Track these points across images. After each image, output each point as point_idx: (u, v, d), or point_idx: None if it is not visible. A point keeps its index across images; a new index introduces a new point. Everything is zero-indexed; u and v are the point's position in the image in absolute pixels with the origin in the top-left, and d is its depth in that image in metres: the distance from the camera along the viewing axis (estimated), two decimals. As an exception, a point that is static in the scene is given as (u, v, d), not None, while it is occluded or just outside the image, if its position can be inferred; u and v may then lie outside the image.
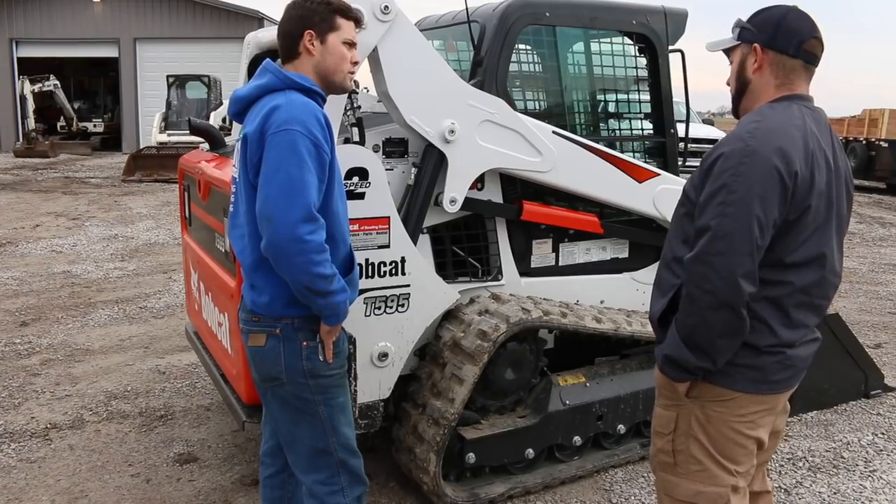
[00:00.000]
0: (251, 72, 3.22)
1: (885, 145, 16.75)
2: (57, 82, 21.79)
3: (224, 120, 14.45)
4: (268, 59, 2.37)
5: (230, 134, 4.74)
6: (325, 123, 2.22)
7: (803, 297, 2.04)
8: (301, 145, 2.12)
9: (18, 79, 21.78)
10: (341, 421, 2.40)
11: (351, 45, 2.39)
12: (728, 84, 2.22)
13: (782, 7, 2.10)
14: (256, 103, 2.27)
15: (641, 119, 4.07)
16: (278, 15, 2.53)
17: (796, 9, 2.09)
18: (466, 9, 3.54)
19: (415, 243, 3.22)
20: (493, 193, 3.55)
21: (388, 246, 3.12)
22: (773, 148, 1.91)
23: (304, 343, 2.30)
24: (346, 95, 3.03)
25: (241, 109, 2.33)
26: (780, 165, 1.90)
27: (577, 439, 3.61)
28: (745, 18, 2.14)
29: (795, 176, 1.92)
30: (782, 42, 2.06)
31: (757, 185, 1.89)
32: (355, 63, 2.44)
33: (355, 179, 2.99)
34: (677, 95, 4.25)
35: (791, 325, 2.05)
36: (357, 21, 2.41)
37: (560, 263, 3.83)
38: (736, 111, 2.21)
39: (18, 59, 23.36)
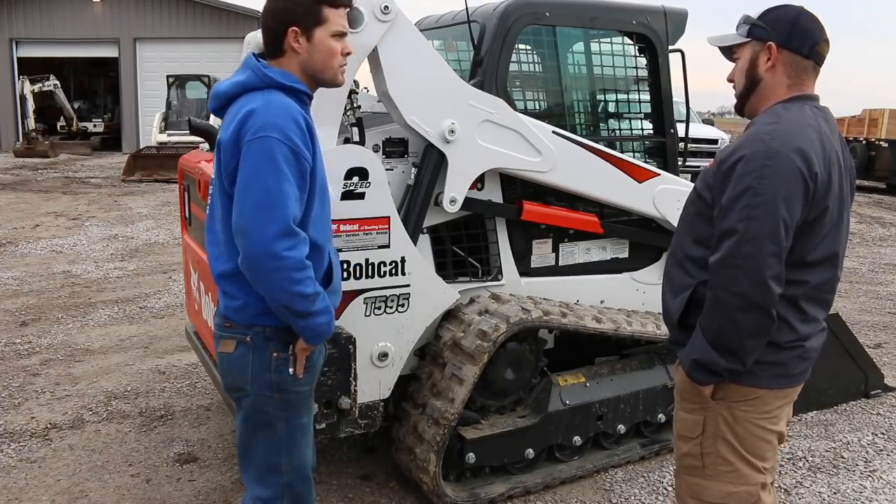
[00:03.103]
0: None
1: (885, 145, 16.75)
2: (57, 82, 21.76)
3: (224, 120, 14.41)
4: (250, 54, 2.22)
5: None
6: (305, 127, 2.09)
7: (816, 293, 2.08)
8: (278, 153, 1.99)
9: (18, 79, 21.75)
10: (300, 442, 2.26)
11: (341, 35, 2.20)
12: (730, 81, 2.21)
13: (794, 7, 2.10)
14: (236, 101, 2.14)
15: (641, 119, 4.07)
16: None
17: (806, 10, 2.10)
18: (466, 9, 3.54)
19: (415, 243, 3.22)
20: (493, 193, 3.55)
21: (388, 246, 3.12)
22: (794, 149, 1.92)
23: (275, 354, 2.16)
24: (346, 95, 3.03)
25: (221, 105, 2.20)
26: (802, 167, 1.92)
27: (577, 439, 3.61)
28: (753, 16, 2.13)
29: (816, 177, 1.94)
30: (797, 42, 2.06)
31: (782, 188, 1.90)
32: (347, 54, 2.25)
33: (355, 179, 2.99)
34: (677, 95, 4.25)
35: (806, 321, 2.08)
36: (346, 5, 2.22)
37: (560, 263, 3.83)
38: (741, 109, 2.21)
39: (18, 59, 23.32)
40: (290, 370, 2.17)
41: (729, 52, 2.21)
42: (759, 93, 2.13)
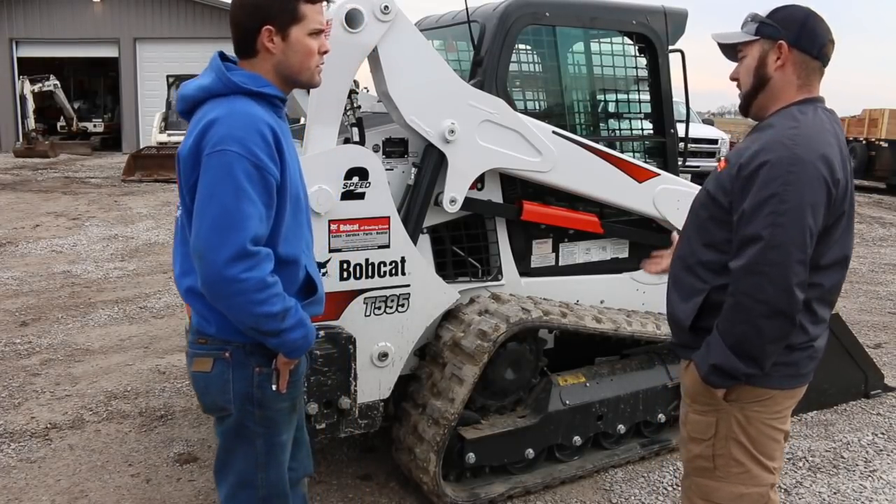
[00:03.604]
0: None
1: (885, 145, 16.76)
2: (57, 82, 21.76)
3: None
4: (216, 53, 2.05)
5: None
6: (271, 138, 1.91)
7: (827, 295, 2.10)
8: (237, 169, 1.83)
9: (18, 79, 21.73)
10: (278, 459, 2.16)
11: (318, 33, 2.02)
12: (734, 79, 2.18)
13: (802, 7, 2.09)
14: (200, 107, 1.97)
15: (641, 119, 4.07)
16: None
17: (813, 10, 2.09)
18: (466, 9, 3.54)
19: (415, 243, 3.22)
20: (493, 193, 3.55)
21: (388, 246, 3.12)
22: (819, 156, 1.92)
23: (257, 369, 2.03)
24: (346, 95, 3.03)
25: (187, 109, 2.03)
26: (826, 174, 1.92)
27: (577, 439, 3.61)
28: (762, 14, 2.10)
29: (837, 183, 1.94)
30: (807, 43, 2.06)
31: (808, 194, 1.90)
32: (324, 53, 2.07)
33: (355, 179, 3.00)
34: (677, 95, 4.25)
35: (817, 322, 2.10)
36: None
37: (560, 263, 3.83)
38: (746, 108, 2.18)
39: (18, 59, 23.31)
40: (273, 386, 2.06)
41: (733, 50, 2.17)
42: (768, 92, 2.11)
